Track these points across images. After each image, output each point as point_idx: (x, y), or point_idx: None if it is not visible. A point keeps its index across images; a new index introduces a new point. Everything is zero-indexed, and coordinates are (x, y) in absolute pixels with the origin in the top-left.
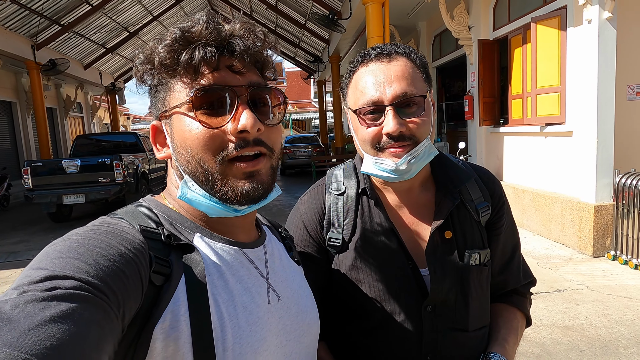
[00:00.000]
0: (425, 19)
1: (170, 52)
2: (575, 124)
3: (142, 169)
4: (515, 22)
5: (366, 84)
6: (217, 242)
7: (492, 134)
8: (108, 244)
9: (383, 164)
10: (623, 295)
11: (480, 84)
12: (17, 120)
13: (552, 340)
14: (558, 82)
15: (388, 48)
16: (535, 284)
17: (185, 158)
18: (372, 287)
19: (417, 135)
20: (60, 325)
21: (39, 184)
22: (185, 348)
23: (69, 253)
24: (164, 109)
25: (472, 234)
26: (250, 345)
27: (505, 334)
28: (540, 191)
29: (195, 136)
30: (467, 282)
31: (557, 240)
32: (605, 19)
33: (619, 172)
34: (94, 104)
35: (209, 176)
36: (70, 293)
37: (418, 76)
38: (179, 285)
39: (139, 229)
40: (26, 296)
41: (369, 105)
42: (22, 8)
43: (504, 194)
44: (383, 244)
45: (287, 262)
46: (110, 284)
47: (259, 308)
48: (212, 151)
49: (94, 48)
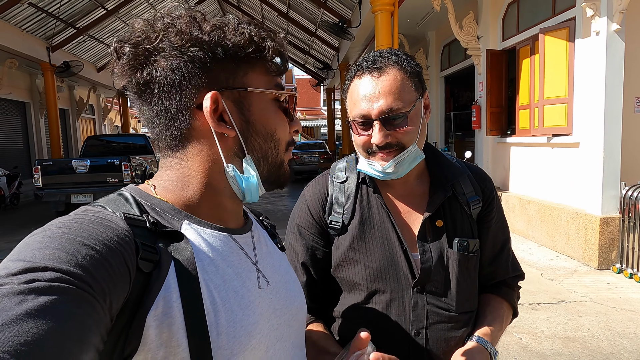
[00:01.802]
0: (434, 29)
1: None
2: (582, 136)
3: (150, 170)
4: (523, 32)
5: (357, 97)
6: (206, 228)
7: (499, 144)
8: (90, 232)
9: (373, 165)
10: (627, 308)
11: (488, 94)
12: (30, 120)
13: (552, 351)
14: (565, 93)
15: (379, 61)
16: (523, 278)
17: (263, 138)
18: (367, 266)
19: (404, 142)
20: (37, 319)
21: (49, 183)
22: (179, 334)
23: (50, 243)
24: (236, 84)
25: (462, 224)
26: (243, 329)
27: (491, 320)
28: (546, 202)
29: (282, 124)
30: (455, 267)
31: (562, 252)
32: (613, 31)
33: (625, 185)
34: (106, 106)
35: (277, 160)
36: (49, 285)
37: (407, 87)
38: (169, 271)
39: (123, 217)
40: (2, 289)
41: (359, 118)
42: (39, 11)
43: (494, 190)
44: (379, 228)
45: (273, 248)
46: (94, 273)
47: (250, 292)
48: (286, 139)
49: (107, 51)
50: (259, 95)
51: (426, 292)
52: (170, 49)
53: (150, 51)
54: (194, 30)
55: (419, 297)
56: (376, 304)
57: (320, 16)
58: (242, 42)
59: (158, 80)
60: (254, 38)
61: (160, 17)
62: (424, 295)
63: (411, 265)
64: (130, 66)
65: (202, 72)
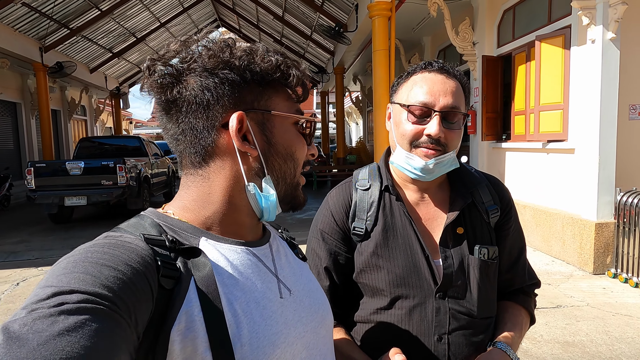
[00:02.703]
0: (430, 34)
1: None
2: (578, 142)
3: (144, 173)
4: (519, 39)
5: (423, 87)
6: (224, 243)
7: (494, 149)
8: (112, 254)
9: (413, 160)
10: (623, 313)
11: (484, 99)
12: (22, 121)
13: (552, 356)
14: (561, 99)
15: (448, 67)
16: (539, 286)
17: (283, 159)
18: (390, 272)
19: (449, 145)
20: (69, 338)
21: (42, 185)
22: (202, 347)
23: (74, 268)
24: (261, 106)
25: (482, 232)
26: (267, 339)
27: (510, 327)
28: (542, 207)
29: (301, 147)
30: (476, 273)
31: (558, 257)
32: (608, 39)
33: (620, 191)
34: (98, 108)
35: (294, 181)
36: (77, 307)
37: (464, 99)
38: (189, 287)
39: (142, 238)
40: (34, 314)
41: (421, 105)
42: (32, 11)
43: (512, 200)
44: (401, 235)
45: (293, 258)
46: (118, 292)
47: (271, 303)
48: (302, 162)
49: (100, 52)
50: (282, 118)
51: (448, 297)
52: (202, 70)
53: (182, 71)
54: (226, 53)
55: (441, 303)
56: (398, 309)
57: (316, 20)
58: (269, 68)
59: (187, 98)
60: (280, 65)
61: (195, 40)
62: (445, 301)
63: (433, 272)
64: (161, 84)
65: (230, 93)
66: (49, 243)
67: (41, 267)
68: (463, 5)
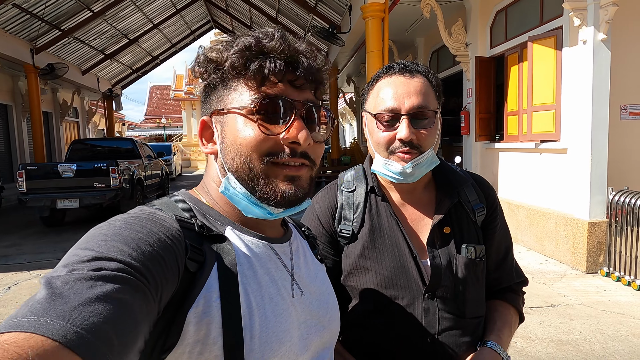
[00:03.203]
0: (423, 35)
1: (242, 58)
2: (570, 142)
3: (137, 175)
4: (512, 40)
5: (387, 93)
6: (247, 235)
7: (487, 150)
8: (149, 229)
9: (391, 165)
10: (616, 311)
11: (477, 100)
12: (12, 123)
13: (547, 355)
14: (553, 100)
15: (410, 65)
16: (527, 284)
17: (232, 156)
18: (378, 273)
19: (424, 145)
20: (105, 304)
21: (34, 188)
22: (215, 332)
23: (114, 237)
24: (220, 107)
25: (469, 231)
26: (275, 335)
27: (500, 325)
28: (535, 207)
29: (249, 137)
30: (464, 272)
31: (551, 256)
32: (600, 40)
33: (612, 190)
34: (90, 110)
35: (252, 175)
36: (114, 275)
37: (432, 94)
38: (211, 272)
39: (175, 218)
40: (75, 274)
41: (387, 112)
42: (23, 12)
43: (497, 198)
44: (388, 236)
45: (311, 259)
46: (151, 267)
47: (284, 300)
48: (260, 153)
49: (92, 54)
50: (234, 113)
51: (437, 297)
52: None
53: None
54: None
55: (430, 304)
56: (388, 311)
57: (309, 21)
58: (217, 65)
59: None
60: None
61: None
62: (434, 302)
63: (421, 272)
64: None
65: (208, 100)
66: (41, 246)
67: (33, 271)
68: (456, 7)
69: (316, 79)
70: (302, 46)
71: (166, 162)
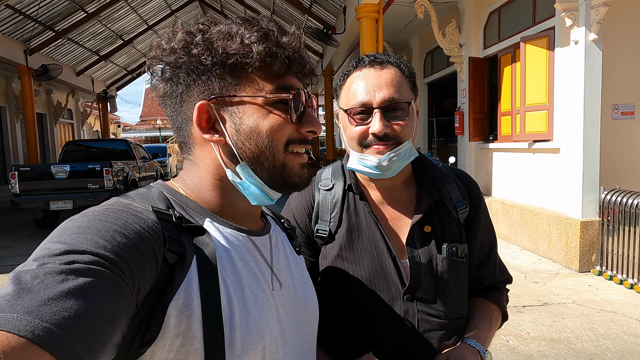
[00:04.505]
0: (417, 36)
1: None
2: (563, 141)
3: (132, 176)
4: (505, 41)
5: (358, 87)
6: (226, 227)
7: (481, 150)
8: (124, 221)
9: (367, 160)
10: (608, 309)
11: (471, 100)
12: (6, 125)
13: (539, 353)
14: (546, 100)
15: (381, 57)
16: (511, 282)
17: (252, 145)
18: (356, 274)
19: (401, 136)
20: (77, 298)
21: (26, 189)
22: (196, 325)
23: (87, 229)
24: (230, 93)
25: (451, 229)
26: (255, 327)
27: (477, 322)
28: (528, 206)
29: (276, 127)
30: (444, 273)
31: (544, 255)
32: (591, 40)
33: (604, 189)
34: (85, 111)
35: (276, 163)
36: (88, 268)
37: (405, 85)
38: (191, 265)
39: (151, 209)
40: (45, 268)
41: (358, 107)
42: (16, 13)
43: (481, 194)
44: (366, 236)
45: (290, 251)
46: (126, 259)
47: (263, 293)
48: (283, 143)
49: (87, 55)
50: (250, 101)
51: (416, 299)
52: (165, 64)
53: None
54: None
55: (409, 305)
56: (366, 313)
57: (304, 22)
58: (228, 50)
59: (165, 93)
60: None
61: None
62: (414, 303)
63: (400, 273)
64: (152, 84)
65: (195, 83)
66: (34, 248)
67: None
68: (450, 8)
69: (310, 70)
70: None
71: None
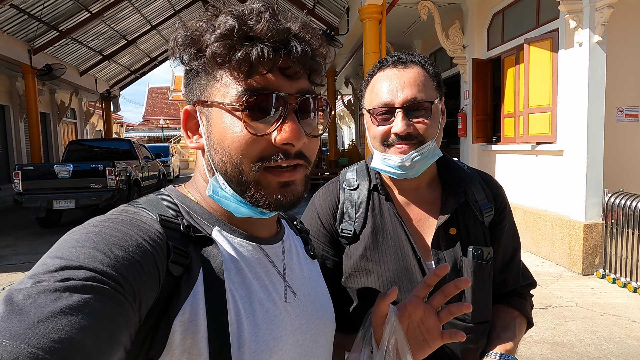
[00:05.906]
0: (420, 37)
1: (224, 46)
2: (566, 144)
3: (134, 176)
4: (508, 42)
5: (381, 88)
6: (236, 237)
7: (484, 151)
8: (124, 233)
9: (390, 159)
10: (612, 313)
11: (474, 102)
12: (10, 124)
13: (542, 356)
14: (549, 102)
15: (404, 57)
16: (535, 286)
17: (220, 157)
18: (380, 276)
19: (424, 135)
20: (70, 317)
21: (30, 188)
22: (202, 342)
23: (85, 242)
24: (204, 97)
25: (476, 232)
26: (265, 344)
27: (501, 331)
28: (531, 208)
29: (237, 139)
30: (470, 276)
31: (547, 258)
32: (595, 42)
33: (608, 192)
34: (88, 111)
35: (243, 180)
36: (83, 284)
37: (429, 84)
38: (198, 278)
39: (158, 219)
40: (40, 286)
41: (381, 107)
42: (20, 12)
43: (506, 197)
44: (391, 237)
45: (304, 257)
46: (125, 273)
47: (275, 306)
48: (251, 157)
49: (90, 55)
50: (218, 107)
51: None
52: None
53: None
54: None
55: None
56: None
57: None
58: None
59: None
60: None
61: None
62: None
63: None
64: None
65: (187, 87)
66: (37, 247)
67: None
68: (453, 9)
69: (311, 64)
70: (295, 26)
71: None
